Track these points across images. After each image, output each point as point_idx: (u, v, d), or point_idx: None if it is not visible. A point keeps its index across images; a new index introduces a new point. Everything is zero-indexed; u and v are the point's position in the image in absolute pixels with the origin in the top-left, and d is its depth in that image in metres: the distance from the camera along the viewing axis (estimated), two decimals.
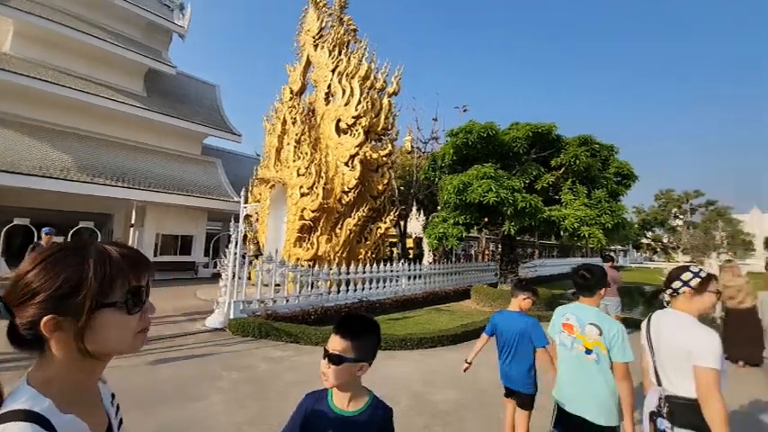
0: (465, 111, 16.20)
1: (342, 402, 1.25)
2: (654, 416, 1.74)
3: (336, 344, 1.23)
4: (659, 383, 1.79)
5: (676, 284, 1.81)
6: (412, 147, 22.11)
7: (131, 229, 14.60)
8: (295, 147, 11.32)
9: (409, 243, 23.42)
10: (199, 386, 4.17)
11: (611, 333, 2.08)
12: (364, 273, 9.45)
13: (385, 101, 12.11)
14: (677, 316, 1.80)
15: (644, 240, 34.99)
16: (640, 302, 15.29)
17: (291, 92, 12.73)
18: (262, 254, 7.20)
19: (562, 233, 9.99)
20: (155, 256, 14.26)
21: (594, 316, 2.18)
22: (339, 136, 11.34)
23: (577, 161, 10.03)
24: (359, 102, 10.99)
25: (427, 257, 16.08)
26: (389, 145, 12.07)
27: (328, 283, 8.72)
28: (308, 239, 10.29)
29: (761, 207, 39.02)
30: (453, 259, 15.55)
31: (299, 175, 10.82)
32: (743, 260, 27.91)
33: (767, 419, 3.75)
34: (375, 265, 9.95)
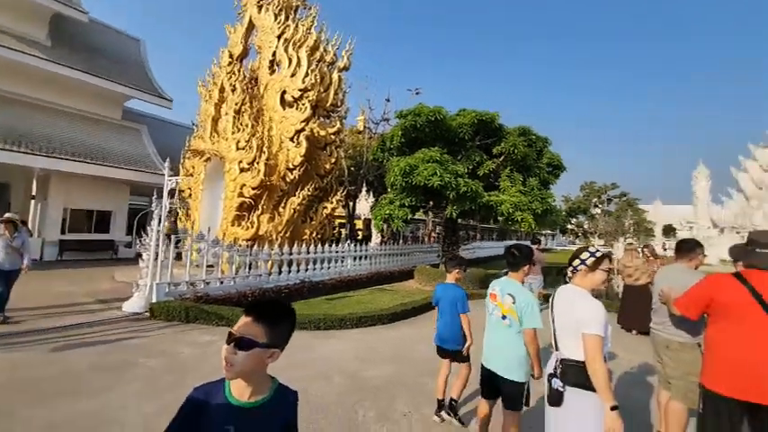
0: (417, 93, 16.24)
1: (242, 393, 1.12)
2: (550, 377, 1.95)
3: (248, 327, 1.10)
4: (557, 349, 2.02)
5: (576, 263, 2.04)
6: (364, 127, 21.76)
7: (32, 201, 12.51)
8: (234, 117, 10.43)
9: (359, 224, 23.40)
10: (108, 375, 3.75)
11: (523, 303, 2.42)
12: (308, 253, 9.21)
13: (335, 75, 11.60)
14: (573, 290, 2.03)
15: (569, 226, 39.13)
16: (561, 281, 17.15)
17: (231, 56, 11.58)
18: (177, 232, 6.57)
19: (499, 217, 10.64)
20: (62, 233, 12.47)
21: (514, 288, 2.51)
22: (284, 109, 10.68)
23: (516, 150, 10.64)
24: (306, 74, 10.38)
25: (375, 239, 16.24)
26: (338, 122, 11.69)
27: (269, 263, 8.36)
28: (248, 218, 9.70)
29: (662, 200, 45.71)
30: (401, 241, 15.87)
31: (238, 148, 10.04)
32: (645, 244, 32.50)
33: (651, 379, 4.39)
34: (320, 245, 9.75)
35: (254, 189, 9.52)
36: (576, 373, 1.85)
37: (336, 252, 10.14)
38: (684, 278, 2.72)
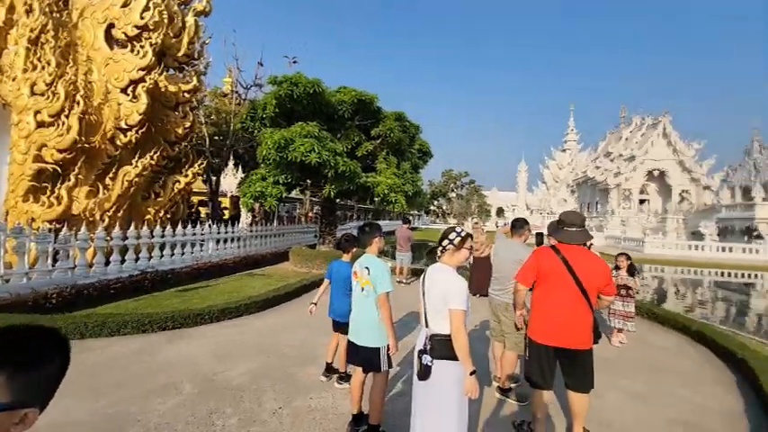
0: (294, 62, 14.95)
1: None
2: (420, 353, 2.06)
3: None
4: (427, 325, 2.11)
5: (445, 243, 2.17)
6: (232, 90, 19.01)
7: None
8: (29, 49, 7.33)
9: (225, 202, 20.69)
10: None
11: (376, 271, 2.61)
12: (152, 237, 7.46)
13: (190, 19, 9.46)
14: (441, 268, 2.16)
15: (432, 207, 44.87)
16: (427, 256, 19.45)
17: None
18: None
19: (375, 198, 11.00)
20: None
21: (369, 261, 2.70)
22: (112, 49, 8.11)
23: (392, 134, 11.06)
24: (147, 7, 8.06)
25: (245, 219, 14.61)
26: (195, 79, 9.68)
27: (88, 251, 6.36)
28: (52, 191, 7.12)
29: (497, 186, 57.34)
30: (275, 221, 14.77)
31: (33, 93, 7.14)
32: (484, 223, 40.39)
33: (488, 334, 5.28)
34: (170, 227, 8.03)
35: (61, 152, 6.98)
36: (442, 347, 1.99)
37: (193, 234, 8.59)
38: (517, 249, 3.51)
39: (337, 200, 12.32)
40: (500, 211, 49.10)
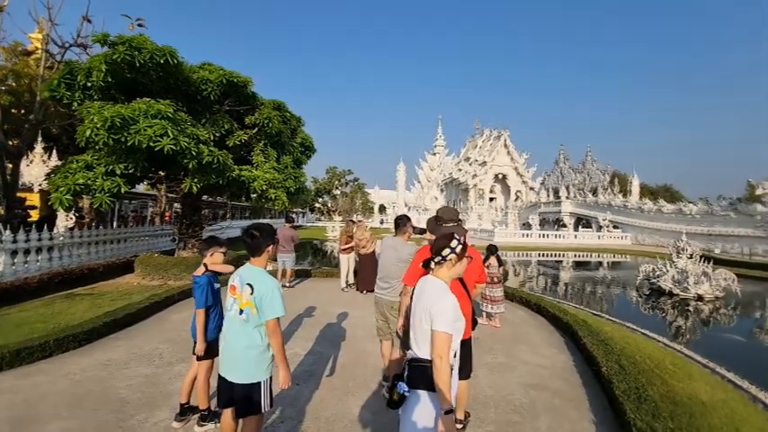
0: (140, 26, 11.92)
1: None
2: (396, 378, 1.77)
3: None
4: (407, 347, 1.83)
5: (446, 252, 1.84)
6: (43, 48, 14.11)
7: None
8: None
9: (33, 199, 15.29)
10: None
11: (262, 291, 2.04)
12: None
13: None
14: (431, 281, 1.85)
15: (317, 204, 43.98)
16: (309, 254, 18.71)
17: None
18: None
19: (252, 194, 9.78)
20: None
21: (254, 275, 2.11)
22: None
23: (271, 124, 10.01)
24: None
25: (64, 220, 10.97)
26: None
27: None
28: None
29: (379, 185, 60.58)
30: (114, 223, 11.62)
31: None
32: (368, 219, 42.02)
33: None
34: None
35: None
36: (421, 375, 1.69)
37: None
38: (400, 248, 3.46)
39: (205, 196, 10.49)
40: (382, 209, 52.08)
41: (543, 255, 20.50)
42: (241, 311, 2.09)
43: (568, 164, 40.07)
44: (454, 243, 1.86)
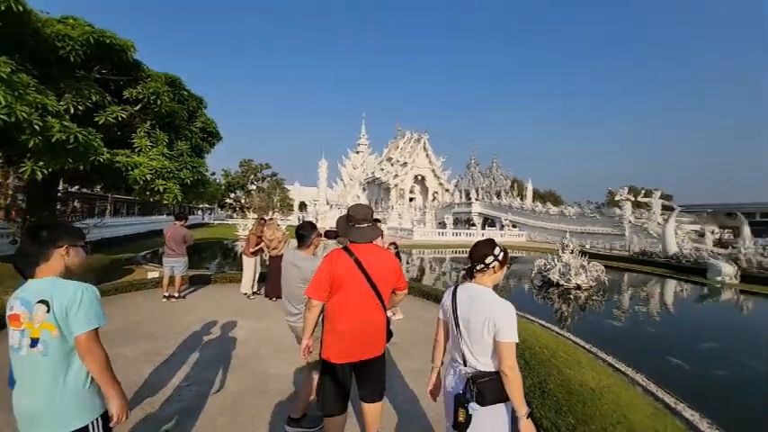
0: None
1: None
2: (462, 400, 1.68)
3: None
4: (465, 363, 1.74)
5: (489, 260, 1.79)
6: None
7: None
8: None
9: None
10: None
11: (65, 301, 1.43)
12: None
13: None
14: (480, 290, 1.79)
15: (228, 200, 39.82)
16: (218, 256, 16.62)
17: None
18: None
19: (133, 185, 8.03)
20: None
21: (47, 287, 1.45)
22: None
23: (159, 101, 8.37)
24: None
25: None
26: None
27: None
28: None
29: (300, 182, 57.96)
30: None
31: None
32: (287, 217, 39.75)
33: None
34: None
35: None
36: (492, 389, 1.66)
37: None
38: (303, 266, 2.82)
39: (67, 185, 8.24)
40: (303, 206, 49.93)
41: (456, 252, 21.94)
42: (35, 342, 1.41)
43: (478, 169, 44.12)
44: (497, 250, 1.82)
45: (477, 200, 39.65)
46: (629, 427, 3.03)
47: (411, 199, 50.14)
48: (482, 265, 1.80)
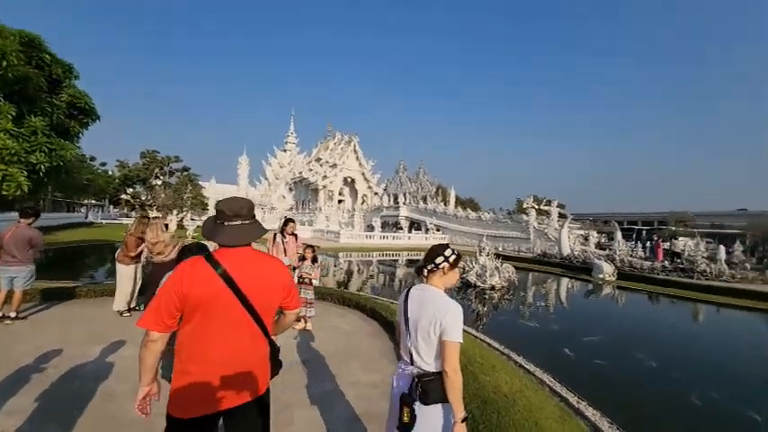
0: None
1: None
2: (406, 399, 1.67)
3: None
4: (412, 363, 1.74)
5: (439, 260, 1.81)
6: None
7: None
8: None
9: None
10: None
11: None
12: None
13: None
14: (432, 291, 1.79)
15: (124, 196, 33.86)
16: (96, 262, 13.72)
17: None
18: None
19: None
20: None
21: None
22: None
23: (5, 63, 6.39)
24: None
25: None
26: None
27: None
28: None
29: (218, 178, 52.52)
30: None
31: None
32: (201, 217, 35.47)
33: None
34: None
35: None
36: (436, 388, 1.65)
37: None
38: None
39: None
40: None
41: (383, 254, 21.96)
42: None
43: (406, 174, 45.53)
44: (448, 252, 1.84)
45: (404, 204, 40.74)
46: None
47: (340, 201, 49.38)
48: (432, 266, 1.82)
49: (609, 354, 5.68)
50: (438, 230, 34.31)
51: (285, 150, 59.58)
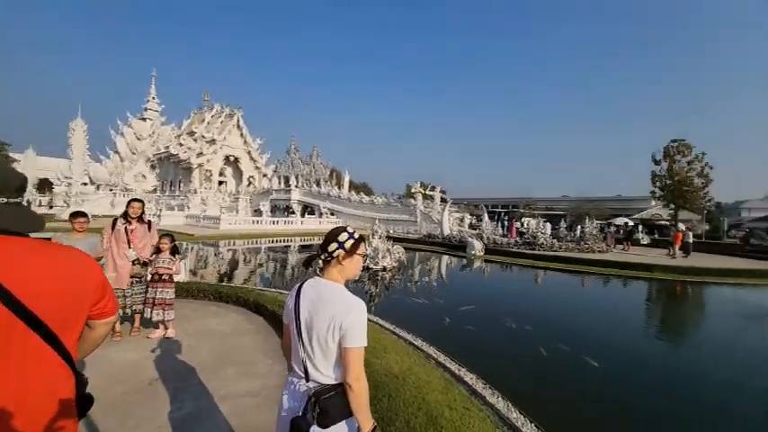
0: None
1: None
2: (300, 422, 1.33)
3: None
4: (307, 375, 1.40)
5: (332, 247, 1.49)
6: None
7: None
8: None
9: None
10: None
11: None
12: None
13: None
14: (328, 285, 1.46)
15: None
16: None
17: None
18: None
19: None
20: None
21: None
22: None
23: None
24: None
25: None
26: None
27: None
28: None
29: (38, 150, 39.59)
30: None
31: None
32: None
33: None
34: None
35: None
36: (337, 405, 1.33)
37: None
38: None
39: None
40: (45, 184, 34.32)
41: (273, 241, 20.42)
42: None
43: (298, 155, 43.27)
44: (344, 236, 1.49)
45: (296, 187, 38.83)
46: (427, 410, 2.94)
47: (221, 183, 43.86)
48: (325, 254, 1.50)
49: (480, 320, 6.39)
50: (332, 215, 33.99)
51: (145, 119, 49.07)
